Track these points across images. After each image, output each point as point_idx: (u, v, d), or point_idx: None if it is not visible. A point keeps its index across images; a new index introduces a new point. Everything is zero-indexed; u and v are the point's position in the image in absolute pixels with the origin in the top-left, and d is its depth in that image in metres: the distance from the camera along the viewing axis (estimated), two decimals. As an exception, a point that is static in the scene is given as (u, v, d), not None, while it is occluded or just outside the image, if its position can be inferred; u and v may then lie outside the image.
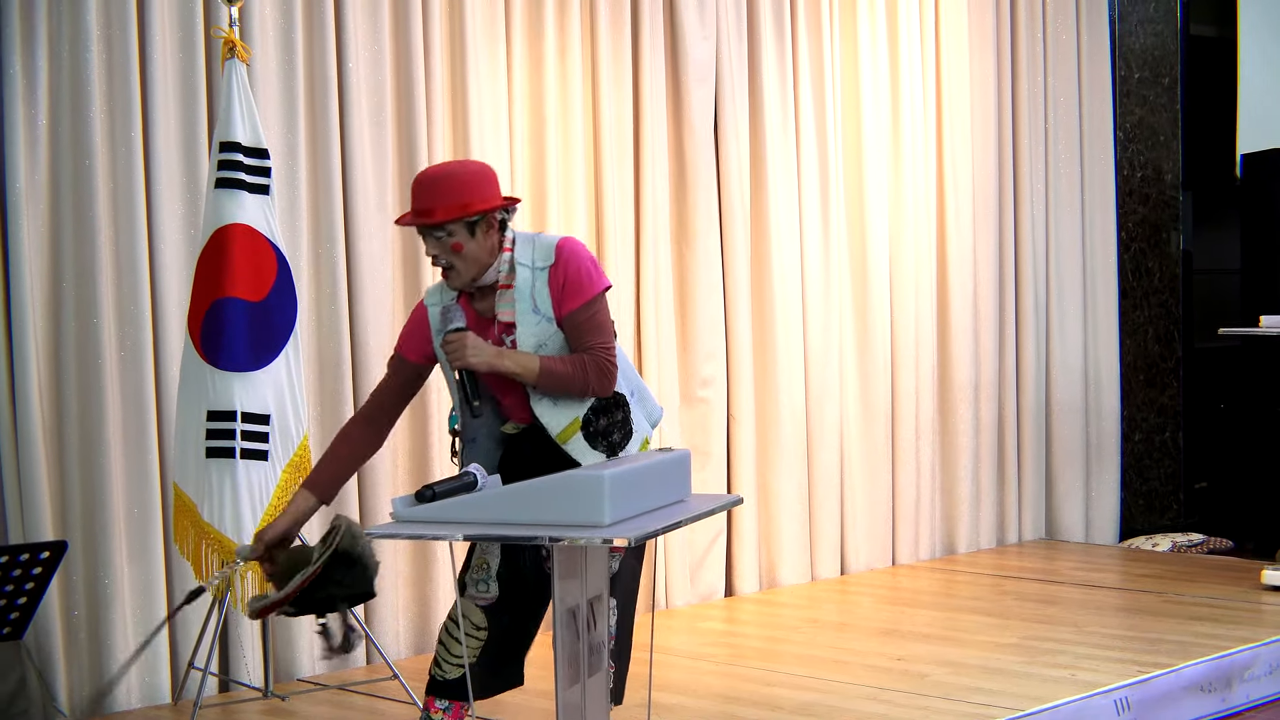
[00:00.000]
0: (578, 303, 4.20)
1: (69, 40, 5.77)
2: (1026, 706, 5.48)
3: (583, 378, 4.17)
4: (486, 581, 4.27)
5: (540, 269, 4.21)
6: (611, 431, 4.23)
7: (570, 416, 4.20)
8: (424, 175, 4.27)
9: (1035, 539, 9.04)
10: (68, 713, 5.70)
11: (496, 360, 4.11)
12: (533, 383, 4.13)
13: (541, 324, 4.20)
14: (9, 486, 5.69)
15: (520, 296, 4.21)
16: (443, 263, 4.16)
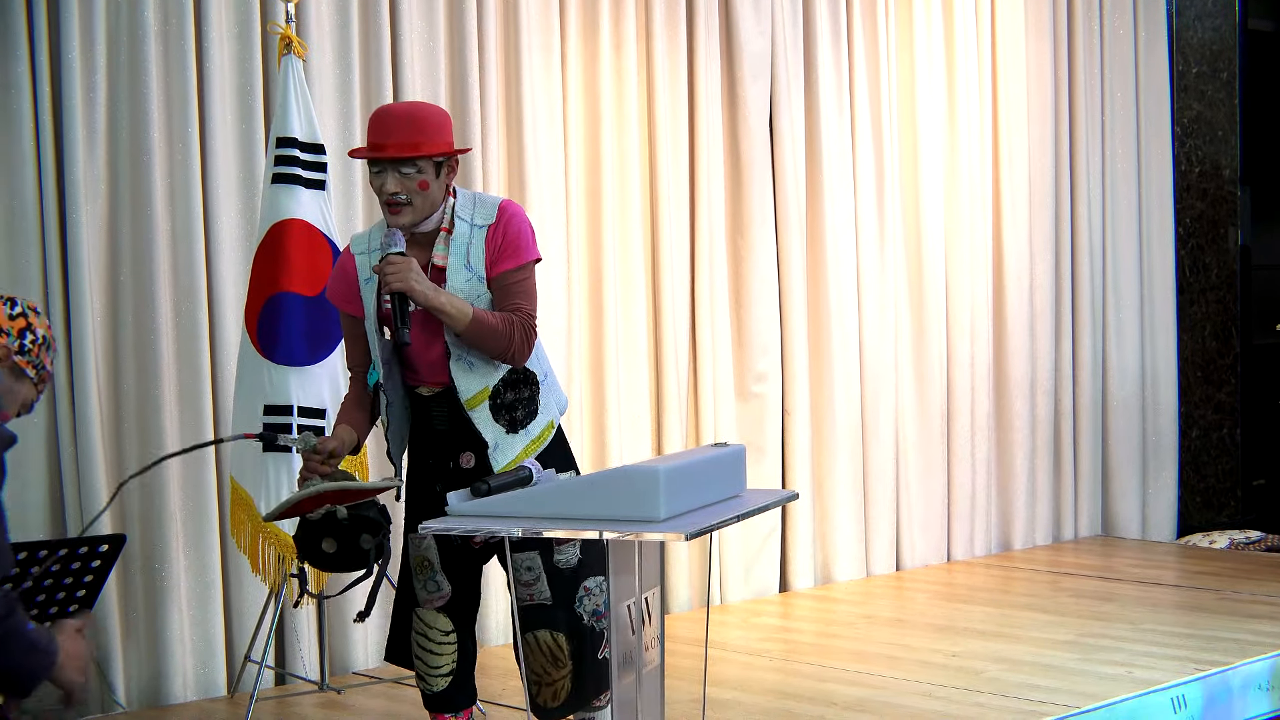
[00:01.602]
0: (513, 264, 4.19)
1: (127, 36, 5.81)
2: (1082, 704, 5.47)
3: (508, 335, 4.13)
4: (435, 579, 4.27)
5: (479, 226, 4.20)
6: (516, 407, 4.21)
7: (482, 384, 4.18)
8: (394, 109, 4.30)
9: (1091, 535, 9.00)
10: (124, 703, 5.74)
11: (434, 295, 4.06)
12: (462, 327, 4.08)
13: (471, 281, 4.17)
14: (68, 480, 5.73)
15: (455, 250, 4.19)
16: (401, 199, 4.11)
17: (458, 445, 4.24)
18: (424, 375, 4.24)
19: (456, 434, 4.23)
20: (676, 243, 7.29)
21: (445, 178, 4.18)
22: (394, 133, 4.12)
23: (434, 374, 4.22)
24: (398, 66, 6.45)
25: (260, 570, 5.60)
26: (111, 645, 5.74)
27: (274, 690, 5.95)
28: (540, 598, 4.22)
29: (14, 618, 2.94)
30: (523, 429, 4.22)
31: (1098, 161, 9.03)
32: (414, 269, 4.06)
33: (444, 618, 4.28)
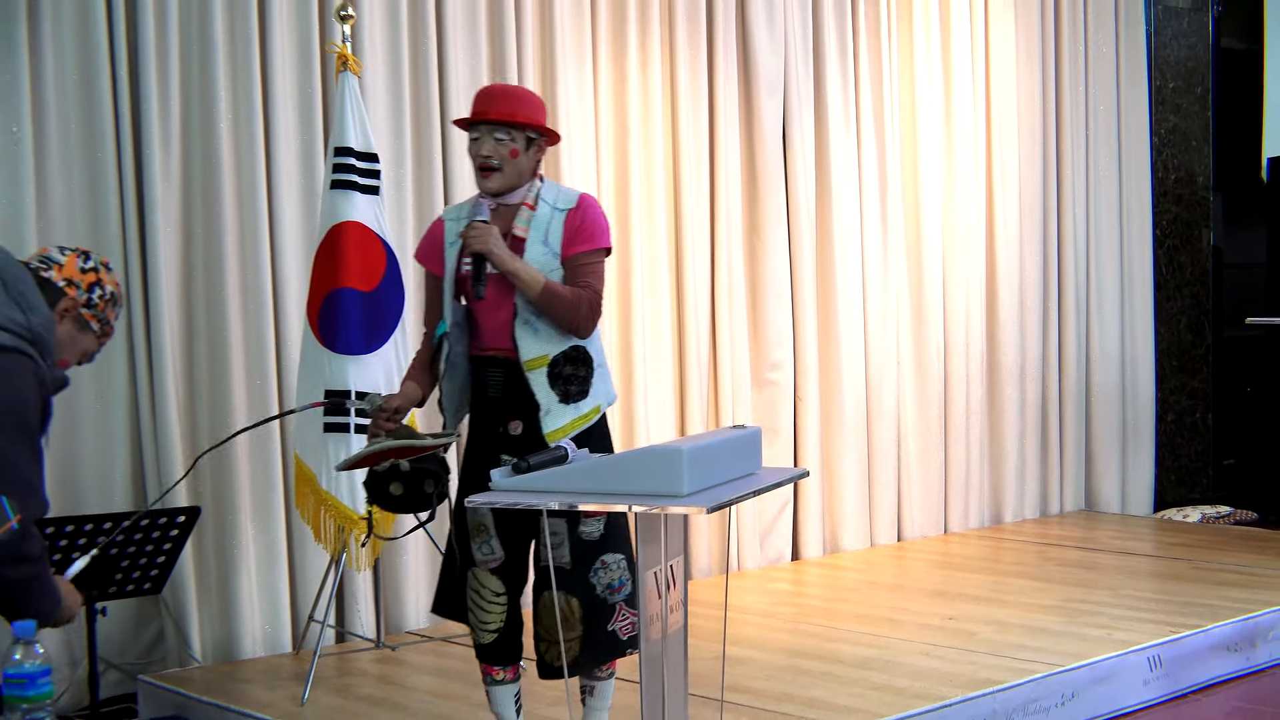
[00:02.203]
0: (587, 246, 4.22)
1: (198, 55, 5.82)
2: (1066, 663, 5.45)
3: (575, 306, 4.15)
4: (490, 544, 4.28)
5: (560, 210, 4.24)
6: (571, 381, 4.21)
7: (543, 350, 4.19)
8: (496, 86, 4.38)
9: (1075, 510, 8.99)
10: (199, 657, 5.77)
11: (510, 259, 4.12)
12: (535, 293, 4.11)
13: (547, 257, 4.19)
14: (148, 457, 5.76)
15: (536, 226, 4.22)
16: (493, 163, 4.17)
17: (509, 413, 4.24)
18: (488, 339, 4.26)
19: (509, 401, 4.23)
20: (698, 244, 7.28)
21: (534, 154, 4.24)
22: (495, 101, 4.21)
23: (498, 337, 4.23)
24: (444, 83, 6.46)
25: (321, 538, 5.62)
26: (187, 605, 5.77)
27: (334, 647, 5.97)
28: (560, 562, 4.21)
29: (43, 561, 2.96)
30: (573, 403, 4.22)
31: (1082, 169, 9.00)
32: (495, 234, 4.12)
33: (496, 579, 4.29)
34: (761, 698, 5.07)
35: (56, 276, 3.19)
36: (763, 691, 5.15)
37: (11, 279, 3.05)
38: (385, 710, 5.09)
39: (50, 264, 3.20)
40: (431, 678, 5.54)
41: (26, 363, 2.97)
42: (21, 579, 2.92)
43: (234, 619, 5.86)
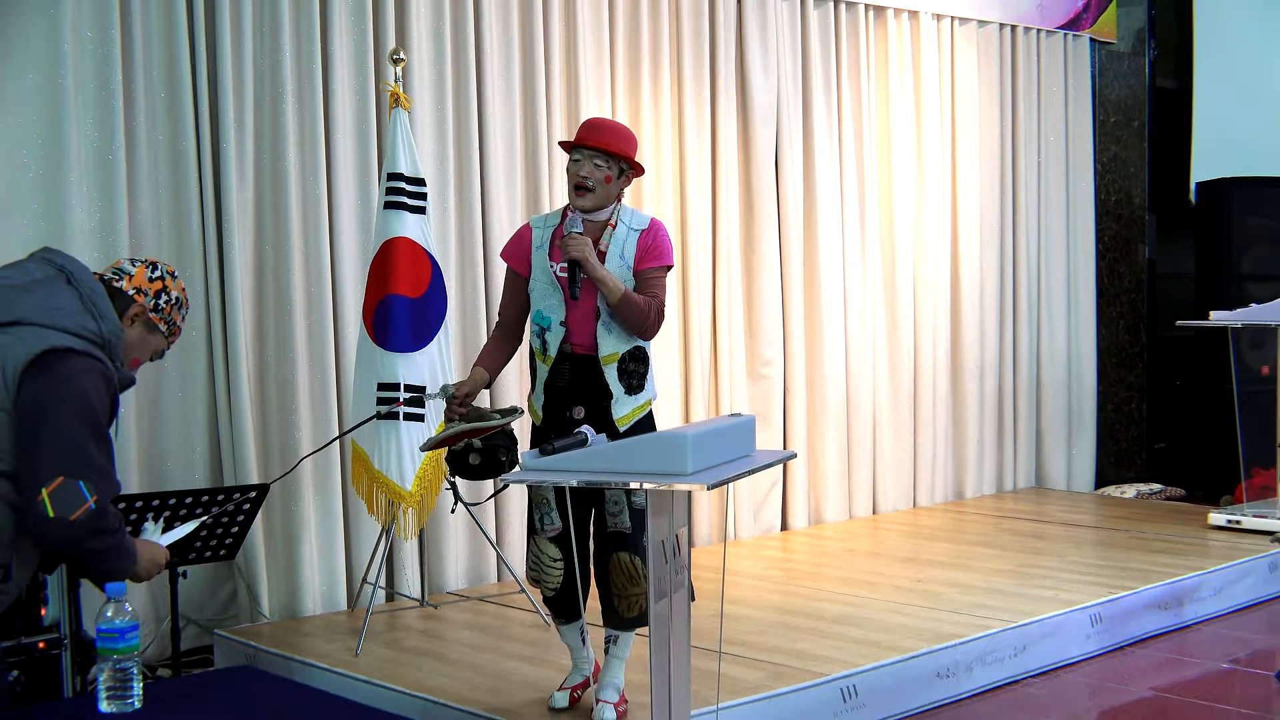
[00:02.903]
0: (655, 263, 4.31)
1: (270, 92, 5.83)
2: (1019, 619, 5.46)
3: (645, 313, 4.24)
4: (550, 515, 4.31)
5: (635, 230, 4.31)
6: (634, 376, 4.30)
7: (615, 348, 4.27)
8: (601, 120, 4.40)
9: (1027, 487, 8.96)
10: (268, 615, 5.77)
11: (599, 269, 4.20)
12: (615, 298, 4.19)
13: (622, 269, 4.27)
14: (224, 442, 5.77)
15: (615, 243, 4.29)
16: (589, 184, 4.24)
17: (573, 399, 4.30)
18: (569, 333, 4.29)
19: (574, 390, 4.29)
20: (701, 255, 7.27)
21: (622, 182, 4.31)
22: (598, 132, 4.28)
23: (578, 334, 4.28)
24: (482, 117, 6.45)
25: (374, 511, 5.62)
26: (257, 569, 5.78)
27: (384, 606, 5.98)
28: (622, 526, 4.27)
29: (120, 531, 2.98)
30: (633, 395, 4.30)
31: (1034, 191, 8.97)
32: (589, 246, 4.20)
33: (554, 547, 4.32)
34: (754, 649, 5.08)
35: (127, 286, 3.20)
36: (755, 644, 5.15)
37: (87, 291, 3.07)
38: (428, 660, 5.10)
39: (122, 275, 3.21)
40: (469, 632, 5.54)
41: (96, 365, 2.99)
42: (102, 549, 2.95)
43: (297, 581, 5.86)
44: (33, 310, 2.98)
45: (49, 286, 3.04)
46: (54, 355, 2.93)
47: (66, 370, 2.92)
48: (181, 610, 5.02)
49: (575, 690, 4.48)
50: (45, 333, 2.96)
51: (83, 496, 2.87)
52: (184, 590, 5.00)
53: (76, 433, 2.89)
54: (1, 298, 3.00)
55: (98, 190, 5.43)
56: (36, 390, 2.90)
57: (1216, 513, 7.52)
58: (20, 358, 2.92)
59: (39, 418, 2.89)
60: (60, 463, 2.88)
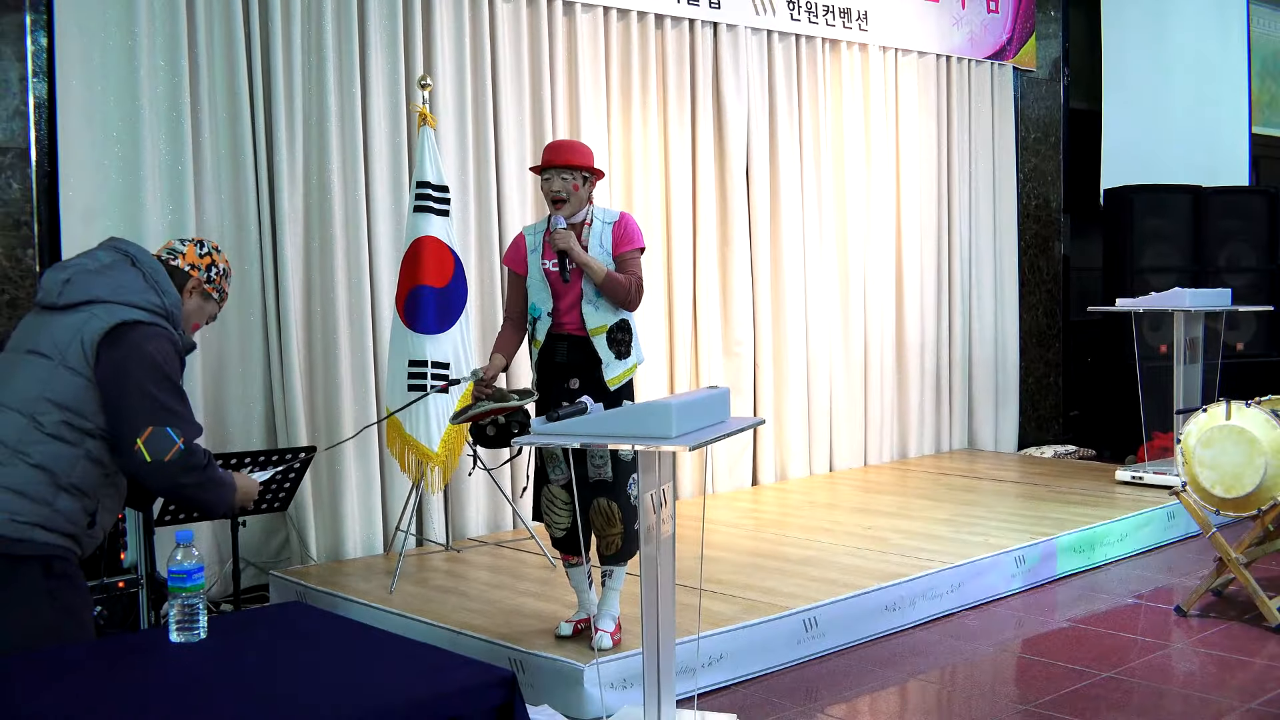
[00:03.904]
0: (630, 246, 4.36)
1: (316, 112, 5.80)
2: (955, 561, 5.46)
3: (626, 288, 4.29)
4: (560, 466, 4.33)
5: (607, 223, 4.37)
6: (621, 344, 4.33)
7: (604, 321, 4.30)
8: (560, 141, 4.42)
9: (961, 448, 8.96)
10: (316, 558, 5.76)
11: (584, 255, 4.26)
12: (600, 279, 4.24)
13: (603, 256, 4.33)
14: (278, 410, 5.74)
15: (593, 236, 4.35)
16: (562, 195, 4.30)
17: (569, 372, 4.33)
18: (560, 316, 4.32)
19: (570, 364, 4.32)
20: (682, 250, 7.25)
21: (588, 187, 4.36)
22: (561, 152, 4.34)
23: (568, 314, 4.32)
24: (498, 133, 6.43)
25: (405, 469, 5.60)
26: (307, 519, 5.76)
27: (415, 550, 5.97)
28: (604, 475, 4.28)
29: (211, 466, 2.99)
30: (622, 359, 4.33)
31: (966, 197, 8.96)
32: (573, 238, 4.28)
33: (564, 492, 4.34)
34: (730, 587, 5.07)
35: (182, 263, 3.18)
36: (731, 582, 5.14)
37: (149, 271, 3.07)
38: (453, 597, 5.09)
39: (176, 254, 3.20)
40: (487, 573, 5.53)
41: (163, 331, 2.99)
42: (197, 483, 2.97)
43: (340, 529, 5.85)
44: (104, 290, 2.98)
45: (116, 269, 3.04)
46: (125, 327, 2.93)
47: (138, 338, 2.93)
48: (241, 554, 5.01)
49: (579, 624, 4.48)
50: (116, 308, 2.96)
51: (171, 439, 2.89)
52: (244, 537, 5.00)
53: (155, 388, 2.91)
54: (78, 281, 3.01)
55: (169, 197, 5.40)
56: (115, 358, 2.91)
57: (1122, 470, 7.51)
58: (96, 331, 2.92)
59: (122, 382, 2.90)
60: (147, 415, 2.89)
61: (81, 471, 2.93)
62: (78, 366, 2.92)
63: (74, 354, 2.92)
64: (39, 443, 2.89)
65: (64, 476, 2.91)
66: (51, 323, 2.98)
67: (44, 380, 2.92)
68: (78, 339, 2.93)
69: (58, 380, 2.92)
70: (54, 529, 2.90)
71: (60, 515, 2.91)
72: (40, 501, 2.88)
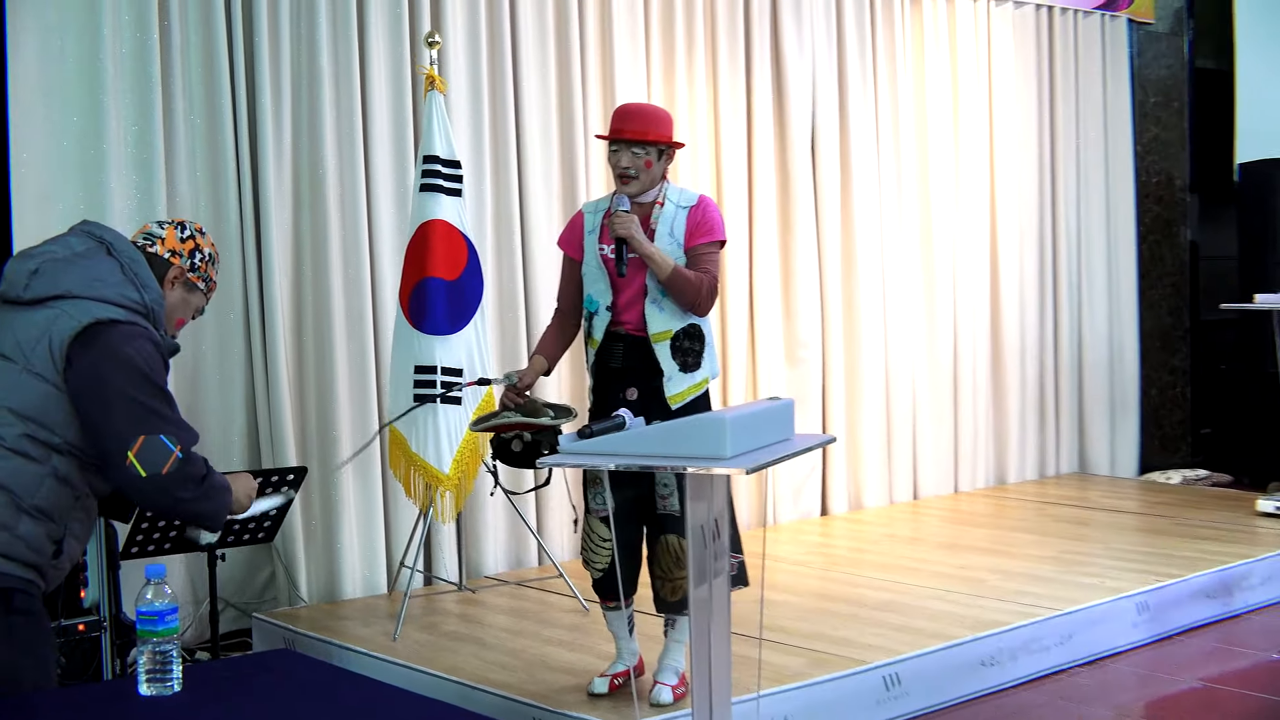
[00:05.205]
0: (706, 239, 4.29)
1: (307, 79, 5.83)
2: (1063, 607, 5.41)
3: (697, 288, 4.21)
4: (600, 495, 4.30)
5: (683, 207, 4.31)
6: (689, 354, 4.28)
7: (667, 326, 4.25)
8: (632, 106, 4.38)
9: (1070, 472, 8.90)
10: (306, 598, 5.78)
11: (646, 244, 4.20)
12: (665, 274, 4.18)
13: (672, 247, 4.26)
14: (262, 423, 5.77)
15: (663, 221, 4.29)
16: (631, 172, 4.25)
17: (626, 380, 4.29)
18: (619, 314, 4.30)
19: (627, 370, 4.29)
20: (737, 239, 7.23)
21: (664, 163, 4.31)
22: (631, 121, 4.26)
23: (627, 311, 4.29)
24: (519, 98, 6.44)
25: (411, 494, 5.61)
26: (296, 552, 5.79)
27: (423, 589, 5.98)
28: (671, 509, 4.25)
29: (209, 475, 3.02)
30: (689, 372, 4.28)
31: (1074, 173, 8.91)
32: (636, 223, 4.22)
33: (604, 527, 4.32)
34: (795, 636, 5.05)
35: (161, 250, 3.20)
36: (796, 631, 5.13)
37: (127, 261, 3.09)
38: (467, 645, 5.09)
39: (154, 239, 3.21)
40: (507, 617, 5.53)
41: (142, 331, 3.01)
42: (195, 496, 3.00)
43: (335, 564, 5.87)
44: (76, 283, 3.00)
45: (90, 259, 3.06)
46: (100, 326, 2.96)
47: (115, 339, 2.95)
48: (220, 593, 5.02)
49: (616, 678, 4.46)
50: (89, 305, 2.98)
51: (167, 449, 2.93)
52: (222, 573, 5.01)
53: (139, 393, 2.94)
54: (46, 272, 3.03)
55: (136, 173, 5.44)
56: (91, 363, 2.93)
57: (1264, 499, 7.44)
58: (66, 331, 2.94)
59: (101, 391, 2.93)
60: (136, 424, 2.92)
61: (47, 492, 2.95)
62: (44, 372, 2.94)
63: (40, 357, 2.95)
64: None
65: (27, 498, 2.93)
66: (14, 320, 3.01)
67: (5, 386, 2.94)
68: (45, 340, 2.95)
69: (21, 387, 2.94)
70: (14, 557, 2.92)
71: (21, 542, 2.93)
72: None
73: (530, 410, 4.26)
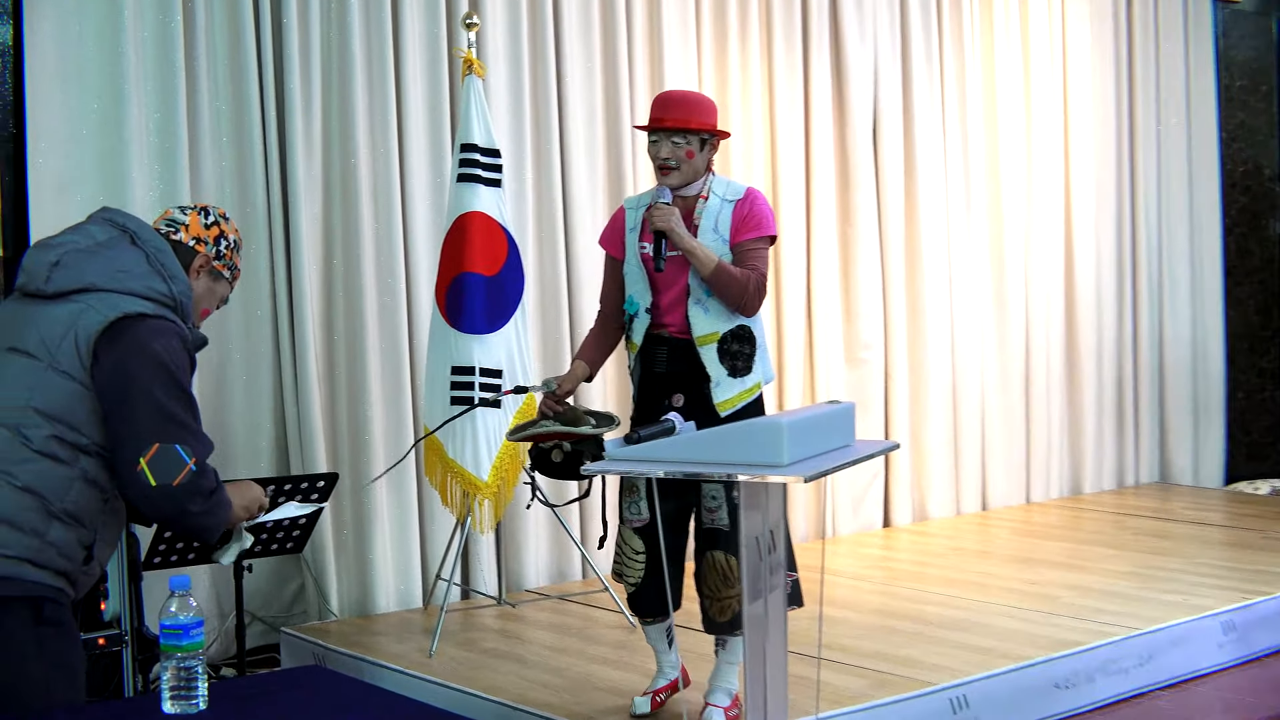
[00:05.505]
0: (753, 234, 4.24)
1: (338, 62, 5.85)
2: (1143, 626, 5.35)
3: (743, 285, 4.17)
4: (637, 504, 4.28)
5: (729, 201, 4.27)
6: (738, 357, 4.24)
7: (715, 328, 4.22)
8: (672, 93, 4.36)
9: (1150, 482, 8.86)
10: (337, 612, 5.80)
11: (688, 239, 4.17)
12: (708, 271, 4.14)
13: (717, 243, 4.22)
14: (291, 426, 5.79)
15: (707, 215, 4.26)
16: (671, 163, 4.22)
17: (672, 386, 4.26)
18: (660, 317, 4.27)
19: (672, 376, 4.26)
20: (793, 230, 7.23)
21: (707, 153, 4.27)
22: (671, 109, 4.24)
23: (670, 313, 4.26)
24: (561, 83, 6.45)
25: (449, 503, 5.62)
26: (326, 563, 5.80)
27: (460, 604, 5.98)
28: (719, 523, 4.22)
29: (220, 489, 3.04)
30: (739, 377, 4.24)
31: (1154, 161, 8.87)
32: (676, 215, 4.18)
33: (638, 539, 4.30)
34: (855, 655, 5.02)
35: (185, 237, 3.21)
36: (857, 650, 5.10)
37: (153, 251, 3.09)
38: (506, 663, 5.09)
39: (177, 226, 3.22)
40: (549, 633, 5.53)
41: (170, 326, 3.02)
42: (203, 510, 3.02)
43: (368, 576, 5.88)
44: (100, 275, 3.01)
45: (114, 249, 3.07)
46: (128, 321, 2.97)
47: (143, 335, 2.96)
48: (246, 606, 5.05)
49: (658, 694, 4.45)
50: (115, 298, 2.99)
51: (182, 460, 2.94)
52: (249, 585, 5.03)
53: (163, 397, 2.95)
54: (68, 263, 3.04)
55: (158, 163, 5.48)
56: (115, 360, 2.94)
57: (1359, 511, 7.37)
58: (93, 326, 2.95)
59: (124, 388, 2.94)
60: (154, 430, 2.93)
61: (76, 495, 2.97)
62: (71, 370, 2.95)
63: (67, 354, 2.96)
64: (26, 461, 2.93)
65: (56, 502, 2.95)
66: (37, 315, 3.02)
67: (30, 385, 2.96)
68: (71, 336, 2.96)
69: (47, 386, 2.95)
70: (45, 565, 2.94)
71: (53, 548, 2.94)
72: (30, 532, 2.92)
73: (570, 419, 4.24)
